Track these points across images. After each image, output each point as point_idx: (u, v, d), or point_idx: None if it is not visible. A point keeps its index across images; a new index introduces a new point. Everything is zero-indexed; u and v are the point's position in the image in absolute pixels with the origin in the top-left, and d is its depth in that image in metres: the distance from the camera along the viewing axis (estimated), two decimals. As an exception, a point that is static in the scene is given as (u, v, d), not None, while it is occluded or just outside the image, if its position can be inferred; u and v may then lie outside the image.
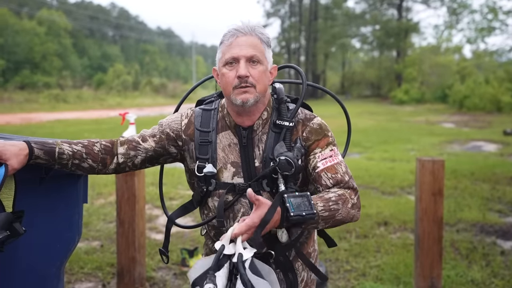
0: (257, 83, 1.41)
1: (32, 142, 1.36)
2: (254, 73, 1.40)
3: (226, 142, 1.49)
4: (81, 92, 34.75)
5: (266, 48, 1.44)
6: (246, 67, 1.39)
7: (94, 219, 4.90)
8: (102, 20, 56.11)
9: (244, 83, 1.39)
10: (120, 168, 1.49)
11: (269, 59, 1.46)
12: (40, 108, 25.30)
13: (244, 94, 1.40)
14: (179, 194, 5.91)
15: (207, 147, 1.48)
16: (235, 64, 1.40)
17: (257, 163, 1.46)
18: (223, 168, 1.47)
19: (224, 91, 1.45)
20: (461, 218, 4.97)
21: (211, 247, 1.63)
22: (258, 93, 1.42)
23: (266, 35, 1.45)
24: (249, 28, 1.42)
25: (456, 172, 7.44)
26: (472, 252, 3.98)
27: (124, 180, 3.08)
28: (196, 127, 1.51)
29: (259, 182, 1.45)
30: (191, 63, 59.09)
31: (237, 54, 1.39)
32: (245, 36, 1.41)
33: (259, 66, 1.41)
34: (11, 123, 15.68)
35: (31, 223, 1.40)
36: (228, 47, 1.41)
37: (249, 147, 1.47)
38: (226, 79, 1.42)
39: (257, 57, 1.40)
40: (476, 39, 21.60)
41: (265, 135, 1.47)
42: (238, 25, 1.43)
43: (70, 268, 3.58)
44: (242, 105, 1.41)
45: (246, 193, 1.26)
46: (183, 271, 3.60)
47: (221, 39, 1.45)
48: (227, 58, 1.41)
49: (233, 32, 1.41)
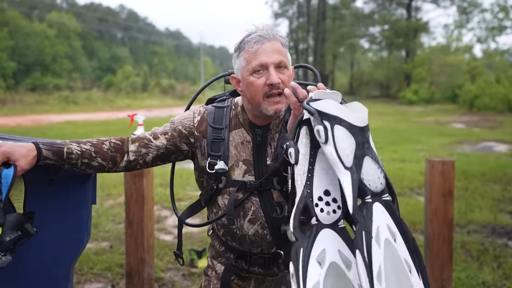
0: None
1: (40, 143, 1.37)
2: (284, 79, 1.39)
3: (238, 139, 1.49)
4: (91, 93, 35.01)
5: (287, 51, 1.45)
6: (276, 74, 1.38)
7: (103, 220, 4.93)
8: (111, 22, 56.49)
9: (276, 90, 1.38)
10: (131, 165, 1.49)
11: (290, 61, 1.47)
12: (50, 109, 25.54)
13: (277, 105, 1.39)
14: (187, 195, 5.92)
15: (219, 144, 1.48)
16: (263, 72, 1.39)
17: (269, 161, 1.46)
18: (235, 166, 1.47)
19: (253, 99, 1.42)
20: (472, 220, 4.92)
21: (217, 248, 1.63)
22: (286, 100, 1.41)
23: (286, 39, 1.45)
24: (272, 33, 1.41)
25: (467, 173, 7.36)
26: (483, 253, 3.94)
27: (133, 181, 3.09)
28: (209, 124, 1.50)
29: (270, 180, 1.44)
30: (200, 64, 59.25)
31: (266, 61, 1.38)
32: (269, 41, 1.39)
33: (286, 71, 1.41)
34: (21, 125, 15.84)
35: (41, 224, 1.41)
36: (253, 55, 1.39)
37: (263, 146, 1.47)
38: (255, 88, 1.39)
39: (284, 63, 1.40)
40: (486, 38, 21.42)
41: (278, 134, 1.48)
42: (258, 27, 1.42)
43: (79, 269, 3.61)
44: (274, 115, 1.41)
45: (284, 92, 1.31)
46: (191, 272, 3.60)
47: (242, 46, 1.42)
48: (254, 66, 1.39)
49: (258, 38, 1.39)
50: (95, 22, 52.13)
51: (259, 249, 1.51)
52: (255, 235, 1.48)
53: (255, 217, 1.46)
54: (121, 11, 64.74)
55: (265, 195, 1.45)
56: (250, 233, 1.48)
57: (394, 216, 1.09)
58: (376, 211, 1.06)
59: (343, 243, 1.11)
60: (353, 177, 1.06)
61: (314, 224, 1.13)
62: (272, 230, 1.46)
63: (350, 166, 1.07)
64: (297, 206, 1.14)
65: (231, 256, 1.57)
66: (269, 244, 1.49)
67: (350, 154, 1.08)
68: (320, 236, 1.11)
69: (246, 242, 1.50)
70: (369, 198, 1.07)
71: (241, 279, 1.60)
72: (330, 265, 1.08)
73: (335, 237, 1.12)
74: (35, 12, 43.11)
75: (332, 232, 1.13)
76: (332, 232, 1.12)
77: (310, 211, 1.13)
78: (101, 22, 53.89)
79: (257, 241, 1.49)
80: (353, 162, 1.07)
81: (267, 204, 1.45)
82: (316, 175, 1.16)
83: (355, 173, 1.07)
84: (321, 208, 1.14)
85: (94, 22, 51.95)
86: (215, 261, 1.64)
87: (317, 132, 1.09)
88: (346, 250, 1.10)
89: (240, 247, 1.53)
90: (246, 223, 1.47)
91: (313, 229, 1.12)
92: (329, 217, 1.14)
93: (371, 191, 1.08)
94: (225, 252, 1.60)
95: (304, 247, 1.08)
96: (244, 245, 1.51)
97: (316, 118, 1.11)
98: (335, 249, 1.10)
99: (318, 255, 1.08)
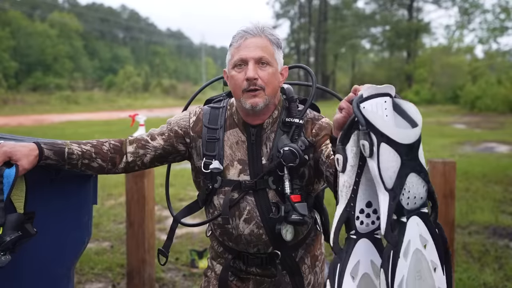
0: (266, 85, 1.40)
1: (41, 143, 1.37)
2: (263, 75, 1.39)
3: (233, 139, 1.49)
4: (92, 93, 35.11)
5: (276, 49, 1.43)
6: (254, 69, 1.38)
7: (104, 220, 4.93)
8: (113, 22, 56.57)
9: (253, 86, 1.38)
10: (130, 167, 1.50)
11: (279, 60, 1.45)
12: (51, 109, 25.59)
13: (254, 99, 1.39)
14: (188, 195, 5.92)
15: (214, 144, 1.49)
16: (244, 66, 1.40)
17: (264, 160, 1.46)
18: (230, 166, 1.47)
19: (234, 93, 1.45)
20: (473, 221, 4.91)
21: (216, 249, 1.63)
22: (267, 96, 1.41)
23: (276, 36, 1.44)
24: (258, 29, 1.41)
25: (468, 173, 7.35)
26: (484, 255, 3.93)
27: (134, 182, 3.09)
28: (204, 124, 1.51)
29: (265, 179, 1.44)
30: (201, 64, 59.34)
31: (246, 56, 1.39)
32: (254, 37, 1.40)
33: (268, 68, 1.40)
34: (23, 125, 15.87)
35: (42, 224, 1.41)
36: (236, 49, 1.41)
37: (257, 145, 1.47)
38: (235, 81, 1.41)
39: (266, 59, 1.39)
40: (488, 39, 21.40)
41: (274, 134, 1.47)
42: (247, 26, 1.43)
43: (80, 269, 3.61)
44: (251, 109, 1.41)
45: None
46: (192, 272, 3.60)
47: (231, 41, 1.45)
48: (235, 60, 1.40)
49: (242, 34, 1.41)
50: (96, 22, 52.21)
51: (255, 249, 1.51)
52: (250, 234, 1.48)
53: (251, 217, 1.46)
54: (123, 11, 64.84)
55: (261, 195, 1.45)
56: (246, 232, 1.48)
57: (429, 225, 1.09)
58: (411, 225, 1.06)
59: (376, 253, 1.11)
60: (391, 200, 1.03)
61: (352, 237, 1.11)
62: (268, 229, 1.46)
63: (391, 188, 1.03)
64: (338, 220, 1.10)
65: (229, 256, 1.58)
66: (265, 243, 1.49)
67: (393, 175, 1.03)
68: (356, 248, 1.10)
69: (242, 242, 1.50)
70: (404, 217, 1.06)
71: (240, 280, 1.60)
72: (362, 276, 1.09)
73: (369, 246, 1.12)
74: (37, 12, 43.17)
75: (368, 241, 1.12)
76: (367, 242, 1.12)
77: (351, 224, 1.11)
78: (102, 22, 53.96)
79: (253, 240, 1.49)
80: (394, 184, 1.04)
81: (262, 204, 1.45)
82: (361, 187, 1.11)
83: (394, 197, 1.03)
84: (361, 220, 1.11)
85: (95, 22, 52.02)
86: (215, 262, 1.64)
87: (363, 146, 1.04)
88: (379, 260, 1.11)
89: (237, 247, 1.53)
90: (241, 222, 1.47)
91: (351, 242, 1.10)
92: (367, 228, 1.12)
93: (407, 210, 1.06)
94: (224, 252, 1.60)
95: (341, 262, 1.07)
96: (241, 245, 1.51)
97: (364, 131, 1.03)
98: (368, 260, 1.11)
99: (352, 269, 1.08)
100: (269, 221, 1.45)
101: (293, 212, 1.37)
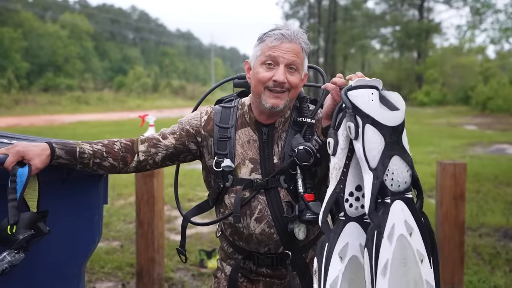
0: (292, 89, 1.42)
1: (53, 142, 1.39)
2: (291, 80, 1.42)
3: (245, 138, 1.50)
4: (102, 94, 35.35)
5: (305, 56, 1.46)
6: (284, 73, 1.40)
7: (114, 219, 4.97)
8: (123, 23, 56.96)
9: (280, 88, 1.41)
10: (141, 166, 1.51)
11: (305, 67, 1.48)
12: (62, 110, 25.82)
13: (276, 99, 1.41)
14: (197, 195, 5.94)
15: (225, 142, 1.50)
16: (274, 67, 1.41)
17: (276, 159, 1.47)
18: (241, 164, 1.48)
19: (254, 88, 1.46)
20: (484, 223, 4.86)
21: (226, 250, 1.63)
22: (289, 99, 1.43)
23: (308, 44, 1.46)
24: (294, 34, 1.43)
25: (479, 175, 7.28)
26: (495, 257, 3.89)
27: (144, 182, 3.11)
28: (216, 123, 1.52)
29: (276, 178, 1.45)
30: (210, 65, 59.44)
31: (279, 58, 1.40)
32: (289, 43, 1.42)
33: (296, 74, 1.43)
34: (34, 125, 16.04)
35: (53, 223, 1.43)
36: (270, 48, 1.41)
37: (269, 144, 1.48)
38: (260, 78, 1.42)
39: (296, 64, 1.42)
40: (500, 39, 21.08)
41: (285, 133, 1.48)
42: (285, 26, 1.45)
43: (90, 268, 3.64)
44: (271, 108, 1.42)
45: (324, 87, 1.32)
46: (201, 272, 3.62)
47: (263, 38, 1.45)
48: (267, 58, 1.42)
49: (279, 36, 1.41)
50: (107, 23, 52.61)
51: (266, 249, 1.51)
52: (261, 233, 1.48)
53: (262, 216, 1.47)
54: (133, 12, 65.28)
55: (272, 194, 1.46)
56: (257, 231, 1.48)
57: (415, 212, 1.11)
58: (395, 209, 1.09)
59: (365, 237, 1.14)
60: (374, 179, 1.08)
61: (341, 219, 1.14)
62: (279, 228, 1.46)
63: (375, 167, 1.09)
64: (327, 201, 1.15)
65: (239, 257, 1.58)
66: (276, 243, 1.49)
67: (377, 155, 1.09)
68: (345, 230, 1.14)
69: (253, 241, 1.51)
70: (388, 198, 1.09)
71: (250, 282, 1.60)
72: (350, 259, 1.12)
73: (359, 230, 1.15)
74: (48, 13, 43.67)
75: (357, 225, 1.15)
76: (357, 226, 1.15)
77: (340, 206, 1.15)
78: (113, 23, 54.36)
79: (264, 240, 1.49)
80: (378, 163, 1.09)
81: (274, 203, 1.46)
82: (351, 170, 1.16)
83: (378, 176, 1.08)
84: (350, 203, 1.16)
85: (106, 23, 52.42)
86: (224, 263, 1.65)
87: (348, 128, 1.11)
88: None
89: (248, 247, 1.54)
90: (252, 221, 1.47)
91: (340, 224, 1.14)
92: (356, 212, 1.16)
93: (391, 191, 1.10)
94: (233, 253, 1.60)
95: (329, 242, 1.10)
96: (251, 244, 1.52)
97: (350, 114, 1.11)
98: (357, 243, 1.13)
99: (341, 250, 1.11)
100: (281, 220, 1.45)
101: (307, 211, 1.38)
